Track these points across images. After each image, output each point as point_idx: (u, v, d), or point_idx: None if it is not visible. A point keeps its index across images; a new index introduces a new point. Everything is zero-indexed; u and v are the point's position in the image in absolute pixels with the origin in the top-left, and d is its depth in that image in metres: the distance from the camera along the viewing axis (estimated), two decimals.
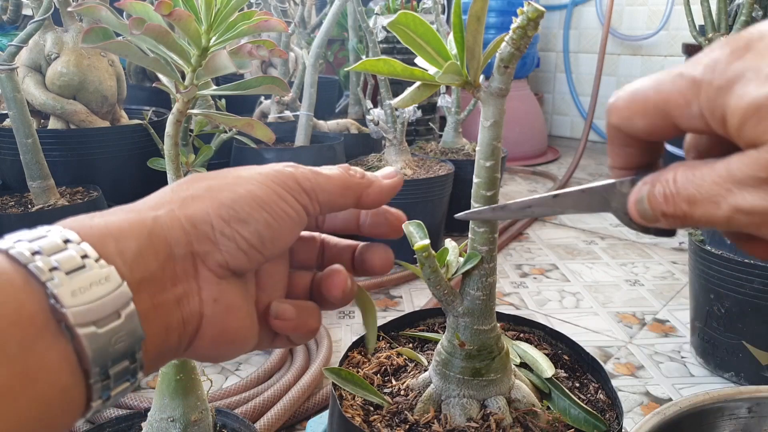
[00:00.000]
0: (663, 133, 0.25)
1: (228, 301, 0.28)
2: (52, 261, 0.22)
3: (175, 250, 0.26)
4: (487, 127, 0.32)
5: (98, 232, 0.24)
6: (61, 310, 0.21)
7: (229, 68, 0.38)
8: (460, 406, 0.35)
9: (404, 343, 0.44)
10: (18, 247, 0.22)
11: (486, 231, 0.34)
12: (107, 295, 0.22)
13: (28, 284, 0.21)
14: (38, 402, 0.20)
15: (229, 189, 0.28)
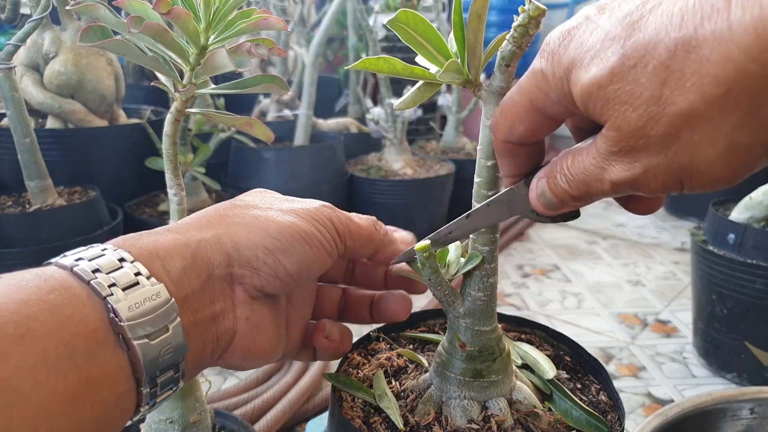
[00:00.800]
0: (544, 128, 0.27)
1: (258, 320, 0.30)
2: (111, 278, 0.24)
3: (216, 271, 0.28)
4: (489, 126, 0.32)
5: (147, 251, 0.26)
6: (119, 323, 0.23)
7: (227, 67, 0.37)
8: (460, 407, 0.35)
9: (404, 345, 0.43)
10: (81, 264, 0.24)
11: (487, 231, 0.34)
12: (158, 310, 0.25)
13: (91, 299, 0.23)
14: (100, 406, 0.22)
15: (275, 221, 0.30)
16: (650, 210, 0.28)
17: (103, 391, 0.22)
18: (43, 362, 0.20)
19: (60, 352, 0.21)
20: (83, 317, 0.22)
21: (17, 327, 0.20)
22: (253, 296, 0.30)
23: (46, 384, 0.20)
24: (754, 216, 0.83)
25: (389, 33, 1.65)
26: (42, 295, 0.22)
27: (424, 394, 0.36)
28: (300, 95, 1.37)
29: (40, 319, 0.21)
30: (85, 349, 0.22)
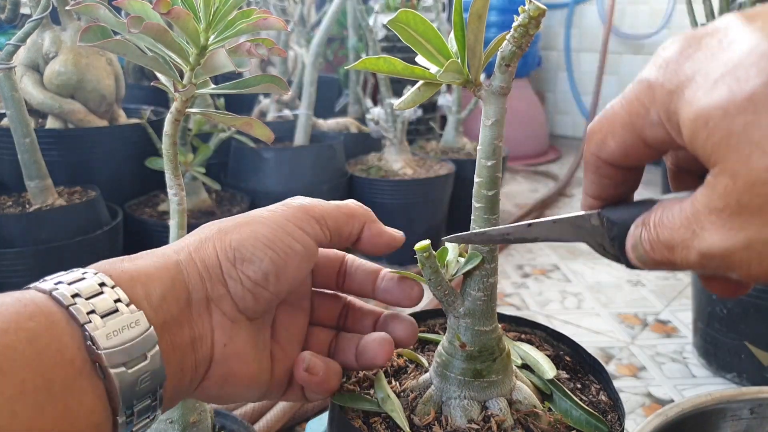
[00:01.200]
0: (637, 152, 0.23)
1: (237, 346, 0.29)
2: (90, 304, 0.24)
3: (193, 294, 0.28)
4: (489, 126, 0.32)
5: (128, 276, 0.26)
6: (96, 351, 0.23)
7: (227, 67, 0.38)
8: (460, 407, 0.35)
9: None
10: (60, 288, 0.24)
11: None
12: (136, 338, 0.24)
13: (69, 325, 0.23)
14: (87, 420, 0.22)
15: (236, 230, 0.29)
16: (733, 293, 0.23)
17: (80, 422, 0.22)
18: (20, 395, 0.20)
19: (37, 384, 0.21)
20: (61, 346, 0.22)
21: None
22: (232, 318, 0.29)
23: (23, 417, 0.20)
24: None
25: (389, 33, 1.64)
26: (21, 322, 0.21)
27: (424, 394, 0.36)
28: (300, 95, 1.37)
29: (19, 348, 0.21)
30: (63, 379, 0.22)
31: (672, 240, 0.20)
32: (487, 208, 0.33)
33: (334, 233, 0.32)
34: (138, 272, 0.27)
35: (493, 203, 0.33)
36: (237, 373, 0.30)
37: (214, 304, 0.29)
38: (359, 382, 0.39)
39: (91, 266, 0.26)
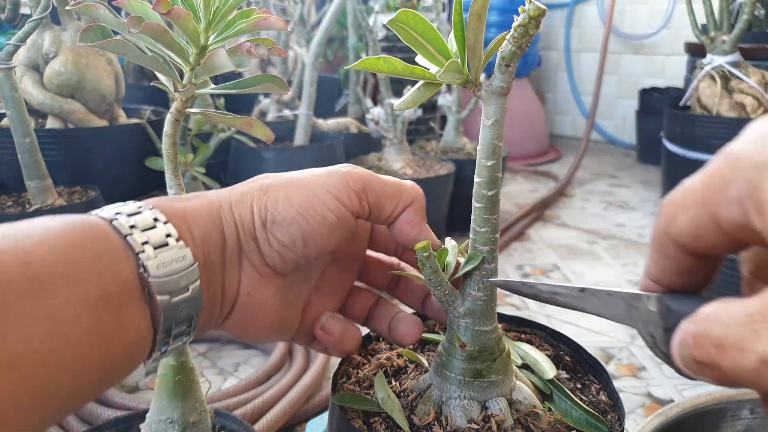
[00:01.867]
0: (706, 234, 0.20)
1: (260, 296, 0.31)
2: (144, 236, 0.26)
3: (228, 243, 0.30)
4: (489, 126, 0.32)
5: (178, 215, 0.29)
6: (147, 279, 0.26)
7: (227, 67, 0.37)
8: (461, 407, 0.35)
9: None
10: (120, 219, 0.27)
11: (487, 231, 0.34)
12: (182, 272, 0.27)
13: (125, 253, 0.26)
14: (124, 347, 0.25)
15: (274, 192, 0.31)
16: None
17: (128, 334, 0.25)
18: (83, 301, 0.23)
19: (97, 296, 0.23)
20: (118, 268, 0.25)
21: (66, 267, 0.23)
22: (261, 272, 0.31)
23: (85, 321, 0.23)
24: None
25: (389, 33, 1.64)
26: (86, 242, 0.24)
27: (424, 394, 0.36)
28: (300, 95, 1.37)
29: (84, 264, 0.24)
30: (117, 296, 0.24)
31: (725, 338, 0.17)
32: (487, 208, 0.33)
33: (374, 209, 0.33)
34: (186, 213, 0.29)
35: (493, 203, 0.33)
36: (257, 319, 0.32)
37: (245, 256, 0.31)
38: (359, 382, 0.39)
39: (147, 201, 0.29)
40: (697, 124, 1.49)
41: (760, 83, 1.44)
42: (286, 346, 0.86)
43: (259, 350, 0.92)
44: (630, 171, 2.16)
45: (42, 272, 0.22)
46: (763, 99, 1.43)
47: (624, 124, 2.50)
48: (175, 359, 0.47)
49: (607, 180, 2.03)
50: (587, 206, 1.73)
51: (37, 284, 0.22)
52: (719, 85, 1.46)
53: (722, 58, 1.46)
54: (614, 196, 1.84)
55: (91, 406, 0.71)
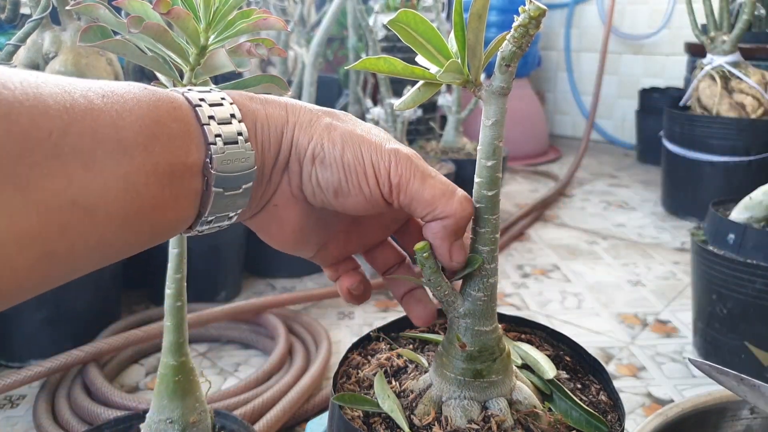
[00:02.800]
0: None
1: (284, 214, 0.34)
2: (219, 129, 0.29)
3: (281, 157, 0.32)
4: (489, 126, 0.32)
5: (252, 116, 0.31)
6: (210, 170, 0.28)
7: (227, 67, 0.38)
8: (461, 407, 0.35)
9: (404, 345, 0.43)
10: (203, 107, 0.29)
11: (487, 231, 0.34)
12: (241, 172, 0.29)
13: (198, 139, 0.28)
14: (175, 218, 0.28)
15: (336, 134, 0.32)
16: None
17: (179, 209, 0.28)
18: (153, 172, 0.26)
19: (165, 170, 0.26)
20: (188, 150, 0.27)
21: (146, 139, 0.26)
22: (294, 193, 0.33)
23: (151, 188, 0.26)
24: (754, 216, 0.83)
25: (389, 33, 1.64)
26: (168, 120, 0.27)
27: (424, 394, 0.36)
28: (300, 95, 1.37)
29: (162, 139, 0.26)
30: (181, 174, 0.27)
31: None
32: (487, 209, 0.33)
33: (405, 207, 0.32)
34: (258, 117, 0.31)
35: (493, 203, 0.33)
36: (273, 232, 0.34)
37: (287, 174, 0.32)
38: (359, 382, 0.39)
39: (228, 94, 0.31)
40: (697, 124, 1.49)
41: (760, 83, 1.44)
42: (286, 346, 0.86)
43: (259, 350, 0.92)
44: (630, 171, 2.16)
45: (127, 138, 0.25)
46: (763, 99, 1.43)
47: (624, 124, 2.50)
48: (175, 359, 0.47)
49: (607, 180, 2.03)
50: (587, 206, 1.73)
51: (122, 147, 0.25)
52: (719, 85, 1.46)
53: (722, 58, 1.46)
54: (614, 196, 1.84)
55: (91, 405, 0.71)
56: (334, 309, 1.05)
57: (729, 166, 1.45)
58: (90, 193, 0.24)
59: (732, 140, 1.43)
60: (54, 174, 0.23)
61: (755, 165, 1.42)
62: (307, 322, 0.95)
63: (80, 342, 0.80)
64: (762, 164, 1.41)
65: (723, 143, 1.45)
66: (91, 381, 0.76)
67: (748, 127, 1.41)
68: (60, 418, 0.72)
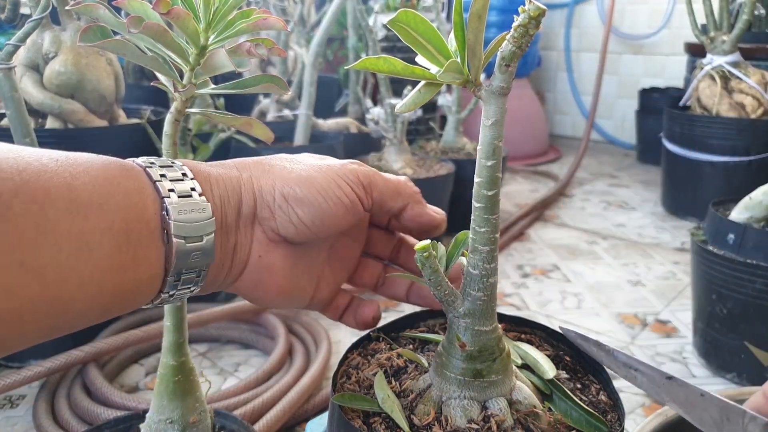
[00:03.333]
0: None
1: (270, 260, 0.34)
2: (172, 185, 0.29)
3: (244, 208, 0.33)
4: (489, 126, 0.32)
5: (204, 175, 0.32)
6: (168, 220, 0.28)
7: (227, 67, 0.37)
8: (460, 407, 0.35)
9: (404, 345, 0.43)
10: (153, 168, 0.30)
11: (487, 231, 0.34)
12: (200, 221, 0.29)
13: (153, 195, 0.28)
14: (136, 281, 0.27)
15: (297, 172, 0.34)
16: None
17: (141, 268, 0.27)
18: (108, 230, 0.26)
19: (121, 228, 0.26)
20: (144, 206, 0.28)
21: (100, 198, 0.26)
22: (271, 238, 0.34)
23: (106, 248, 0.25)
24: (754, 216, 0.83)
25: (389, 33, 1.64)
26: (122, 179, 0.27)
27: (424, 394, 0.36)
28: (300, 95, 1.37)
29: (116, 197, 0.26)
30: (139, 231, 0.27)
31: None
32: (487, 208, 0.33)
33: (376, 204, 0.36)
34: (210, 175, 0.32)
35: (493, 203, 0.33)
36: (267, 283, 0.34)
37: (258, 223, 0.33)
38: (359, 382, 0.39)
39: (177, 160, 0.32)
40: (696, 124, 1.49)
41: (760, 83, 1.44)
42: (286, 346, 0.86)
43: (259, 350, 0.92)
44: (630, 171, 2.16)
45: (80, 197, 0.25)
46: (763, 99, 1.43)
47: (624, 124, 2.50)
48: (175, 359, 0.47)
49: (607, 180, 2.03)
50: (587, 206, 1.73)
51: (75, 206, 0.24)
52: (719, 85, 1.46)
53: (722, 58, 1.46)
54: (614, 196, 1.84)
55: (91, 405, 0.71)
56: None
57: (729, 166, 1.45)
58: (40, 254, 0.23)
59: (732, 140, 1.43)
60: (2, 234, 0.22)
61: (755, 165, 1.42)
62: (307, 322, 0.95)
63: (80, 342, 0.80)
64: (762, 164, 1.41)
65: (723, 143, 1.45)
66: (91, 381, 0.76)
67: (748, 127, 1.41)
68: (60, 418, 0.72)
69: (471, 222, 0.34)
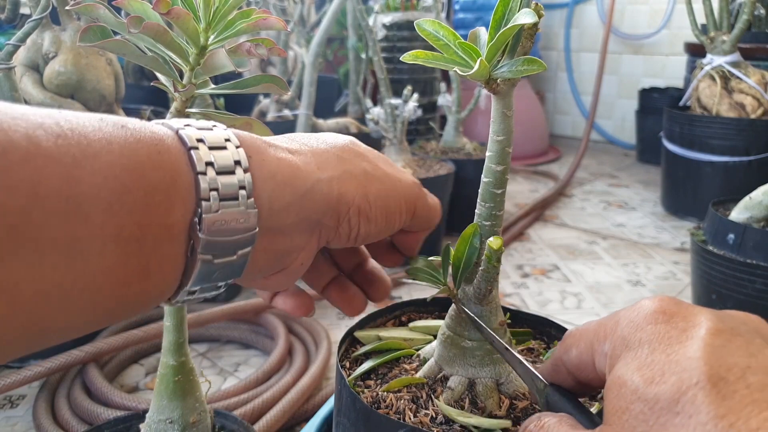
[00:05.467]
0: (586, 371, 0.26)
1: (306, 265, 0.29)
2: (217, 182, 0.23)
3: (313, 215, 0.27)
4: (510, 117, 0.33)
5: (268, 168, 0.25)
6: (198, 233, 0.22)
7: (227, 67, 0.37)
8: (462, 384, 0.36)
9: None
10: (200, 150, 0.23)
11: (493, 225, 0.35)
12: (236, 235, 0.24)
13: (188, 191, 0.22)
14: (144, 293, 0.22)
15: (376, 186, 0.30)
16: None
17: (150, 281, 0.22)
18: (114, 237, 0.20)
19: (133, 234, 0.20)
20: (171, 207, 0.22)
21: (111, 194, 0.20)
22: (322, 244, 0.29)
23: (108, 259, 0.20)
24: (754, 216, 0.83)
25: (389, 33, 1.64)
26: (147, 169, 0.21)
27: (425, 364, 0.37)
28: (300, 95, 1.37)
29: (134, 195, 0.20)
30: (156, 238, 0.21)
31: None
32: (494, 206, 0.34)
33: (407, 226, 0.34)
34: (276, 171, 0.25)
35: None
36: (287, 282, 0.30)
37: (320, 229, 0.28)
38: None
39: (238, 135, 0.25)
40: (696, 124, 1.49)
41: (760, 83, 1.44)
42: (286, 346, 0.86)
43: (259, 350, 0.92)
44: (630, 171, 2.16)
45: (83, 193, 0.19)
46: (763, 99, 1.43)
47: (624, 124, 2.50)
48: (175, 359, 0.47)
49: (606, 180, 2.03)
50: (587, 206, 1.73)
51: (73, 206, 0.19)
52: (719, 85, 1.46)
53: (722, 58, 1.46)
54: (614, 196, 1.84)
55: (91, 405, 0.71)
56: (334, 309, 1.04)
57: (729, 166, 1.45)
58: (11, 269, 0.18)
59: (732, 140, 1.43)
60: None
61: (755, 165, 1.42)
62: (306, 322, 0.95)
63: (80, 342, 0.80)
64: (762, 164, 1.42)
65: (723, 143, 1.45)
66: (91, 381, 0.76)
67: (747, 127, 1.41)
68: (60, 418, 0.72)
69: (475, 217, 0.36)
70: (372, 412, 0.33)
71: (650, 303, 0.24)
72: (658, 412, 0.20)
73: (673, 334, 0.22)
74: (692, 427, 0.19)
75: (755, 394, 0.19)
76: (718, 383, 0.20)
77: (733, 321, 0.23)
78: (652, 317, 0.23)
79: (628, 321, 0.24)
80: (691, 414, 0.19)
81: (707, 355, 0.20)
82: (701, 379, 0.20)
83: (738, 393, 0.19)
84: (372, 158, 0.31)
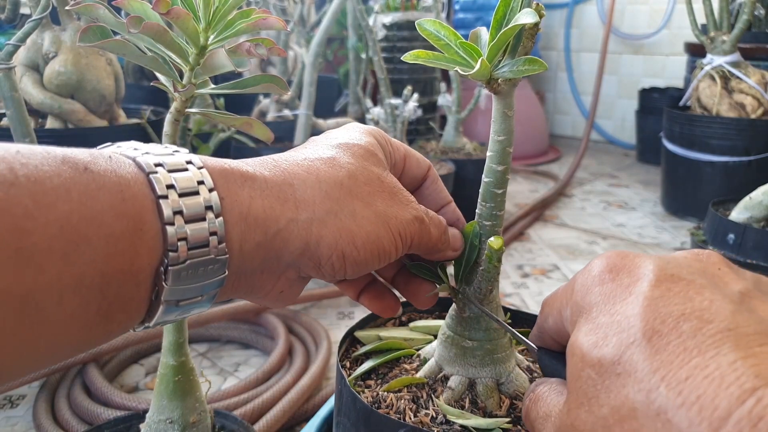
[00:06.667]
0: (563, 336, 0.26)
1: (288, 293, 0.29)
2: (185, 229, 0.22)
3: (285, 256, 0.26)
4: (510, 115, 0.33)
5: (238, 209, 0.24)
6: (162, 282, 0.22)
7: (227, 67, 0.37)
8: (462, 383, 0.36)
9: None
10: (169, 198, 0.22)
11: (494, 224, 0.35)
12: (204, 283, 0.23)
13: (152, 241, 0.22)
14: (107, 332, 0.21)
15: (366, 228, 0.28)
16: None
17: (113, 323, 0.22)
18: (74, 286, 0.19)
19: (95, 282, 0.20)
20: (135, 255, 0.21)
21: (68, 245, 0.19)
22: (302, 276, 0.29)
23: (69, 307, 0.19)
24: (754, 216, 0.83)
25: (389, 33, 1.64)
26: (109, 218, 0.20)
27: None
28: (300, 95, 1.37)
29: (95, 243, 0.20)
30: (120, 285, 0.21)
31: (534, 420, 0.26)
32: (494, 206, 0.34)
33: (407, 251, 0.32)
34: (247, 211, 0.25)
35: (498, 201, 0.34)
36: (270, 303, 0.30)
37: (295, 268, 0.28)
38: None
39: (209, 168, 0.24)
40: (696, 124, 1.49)
41: (760, 83, 1.44)
42: (286, 346, 0.86)
43: (259, 350, 0.92)
44: (630, 171, 2.16)
45: (35, 245, 0.18)
46: (763, 99, 1.43)
47: (624, 124, 2.50)
48: (175, 359, 0.47)
49: (606, 180, 2.03)
50: (587, 206, 1.73)
51: (25, 257, 0.18)
52: (719, 85, 1.46)
53: (722, 58, 1.46)
54: (614, 196, 1.84)
55: (91, 405, 0.71)
56: (334, 309, 1.05)
57: (729, 166, 1.45)
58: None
59: (732, 140, 1.43)
60: None
61: (755, 165, 1.42)
62: (306, 322, 0.95)
63: None
64: (762, 164, 1.41)
65: (723, 143, 1.45)
66: (91, 381, 0.76)
67: (747, 127, 1.41)
68: (60, 418, 0.71)
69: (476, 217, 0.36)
70: (372, 412, 0.33)
71: (598, 262, 0.24)
72: (603, 376, 0.20)
73: (618, 293, 0.22)
74: (631, 386, 0.19)
75: (687, 342, 0.19)
76: (653, 338, 0.20)
77: (677, 266, 0.22)
78: (599, 278, 0.23)
79: (580, 285, 0.24)
80: (630, 373, 0.19)
81: (644, 311, 0.20)
82: (638, 337, 0.20)
83: (671, 344, 0.19)
84: (368, 194, 0.29)
